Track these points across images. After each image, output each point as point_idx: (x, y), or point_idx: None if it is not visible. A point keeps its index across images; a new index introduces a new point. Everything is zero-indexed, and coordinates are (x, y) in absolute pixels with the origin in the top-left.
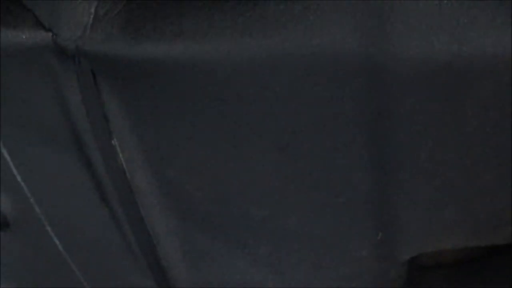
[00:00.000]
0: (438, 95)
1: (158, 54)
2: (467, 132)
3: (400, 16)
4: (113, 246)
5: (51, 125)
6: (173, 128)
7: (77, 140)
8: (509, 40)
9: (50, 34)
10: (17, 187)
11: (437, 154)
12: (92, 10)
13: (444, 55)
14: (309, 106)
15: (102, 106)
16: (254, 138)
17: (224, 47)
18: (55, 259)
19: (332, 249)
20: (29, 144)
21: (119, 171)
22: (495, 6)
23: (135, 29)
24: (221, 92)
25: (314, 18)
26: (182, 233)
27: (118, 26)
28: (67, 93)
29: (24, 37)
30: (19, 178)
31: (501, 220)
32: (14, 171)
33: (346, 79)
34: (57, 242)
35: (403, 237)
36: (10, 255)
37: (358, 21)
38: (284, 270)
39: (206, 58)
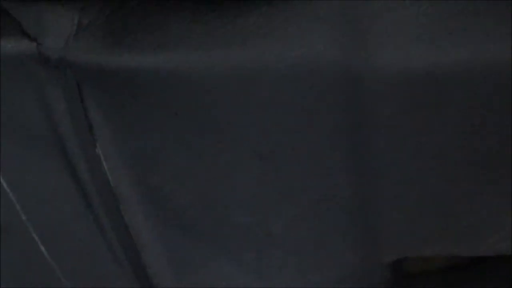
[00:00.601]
0: (416, 104)
1: (140, 64)
2: (446, 141)
3: (378, 27)
4: (99, 253)
5: (36, 133)
6: (156, 136)
7: (62, 148)
8: (485, 50)
9: (34, 43)
10: (3, 195)
11: (417, 162)
12: (76, 20)
13: (422, 65)
14: (290, 115)
15: (86, 115)
16: (236, 146)
17: (205, 58)
18: (41, 265)
19: (316, 253)
20: (16, 152)
21: (103, 179)
22: (471, 17)
23: (117, 40)
24: (202, 102)
25: (293, 30)
26: (166, 240)
27: (101, 37)
28: (52, 102)
29: (9, 46)
30: (5, 186)
31: (484, 231)
32: (1, 178)
33: (326, 89)
34: (43, 249)
35: (385, 241)
36: None
37: (336, 33)
38: (268, 275)
39: (186, 69)
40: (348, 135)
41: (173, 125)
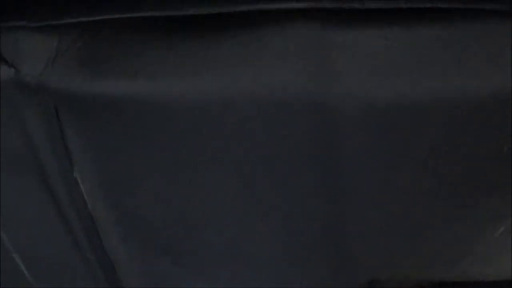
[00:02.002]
0: (385, 132)
1: (116, 91)
2: (415, 168)
3: (347, 58)
4: (78, 273)
5: (16, 157)
6: (132, 160)
7: (41, 171)
8: (453, 81)
9: (13, 69)
10: None
11: (387, 188)
12: (54, 47)
13: (390, 95)
14: (262, 142)
15: (64, 140)
16: (211, 170)
17: (178, 86)
18: (22, 284)
19: (290, 272)
20: None
21: (81, 202)
22: (439, 48)
23: (95, 67)
24: (176, 128)
25: (264, 60)
26: (143, 261)
27: (78, 64)
28: (30, 127)
29: None
30: None
31: (453, 256)
32: None
33: (295, 118)
34: (23, 268)
35: (358, 262)
36: None
37: (305, 63)
38: None
39: (161, 96)
40: (319, 161)
41: (148, 150)
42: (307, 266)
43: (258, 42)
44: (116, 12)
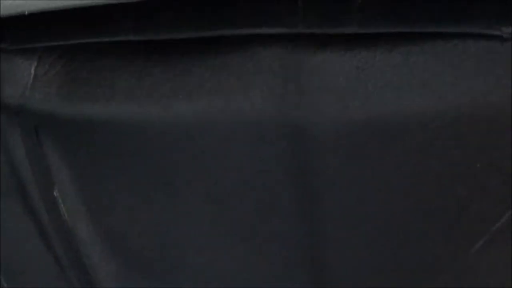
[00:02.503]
0: (357, 153)
1: (93, 114)
2: (390, 186)
3: (317, 80)
4: None
5: None
6: (110, 180)
7: (22, 190)
8: (420, 102)
9: None
10: None
11: (363, 206)
12: (32, 70)
13: (360, 117)
14: (235, 164)
15: (44, 160)
16: (188, 191)
17: (153, 110)
18: None
19: None
20: None
21: (62, 220)
22: (407, 70)
23: (71, 90)
24: (151, 150)
25: (235, 85)
26: (123, 279)
27: (56, 87)
28: (11, 147)
29: None
30: None
31: (428, 273)
32: None
33: (268, 140)
34: (3, 282)
35: (336, 280)
36: None
37: (277, 87)
38: None
39: (136, 119)
40: (293, 182)
41: (125, 171)
42: (285, 286)
43: (230, 66)
44: (92, 36)
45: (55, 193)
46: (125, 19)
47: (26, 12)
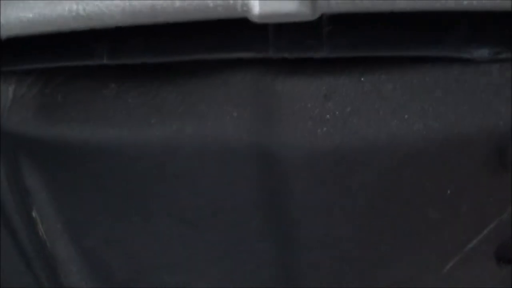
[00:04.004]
0: (326, 178)
1: (69, 136)
2: (358, 209)
3: (287, 108)
4: None
5: None
6: (86, 202)
7: (2, 211)
8: (388, 130)
9: None
10: None
11: (333, 229)
12: (11, 93)
13: (327, 144)
14: (208, 186)
15: (23, 181)
16: (162, 212)
17: (126, 133)
18: None
19: None
20: None
21: (40, 241)
22: (376, 99)
23: (48, 114)
24: (127, 172)
25: (207, 110)
26: None
27: (33, 109)
28: None
29: None
30: None
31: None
32: None
33: (238, 164)
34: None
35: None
36: None
37: (247, 113)
38: None
39: (110, 143)
40: (264, 205)
41: (101, 192)
42: None
43: (202, 92)
44: (68, 60)
45: (33, 214)
46: (99, 44)
47: (3, 37)
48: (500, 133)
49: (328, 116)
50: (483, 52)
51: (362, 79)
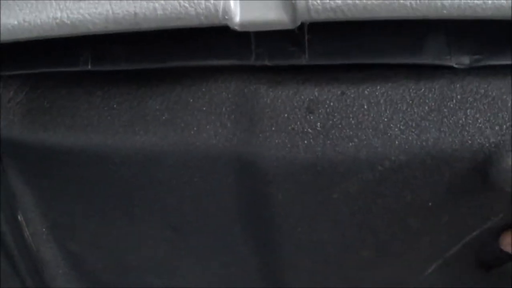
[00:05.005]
0: (307, 189)
1: (54, 142)
2: (340, 218)
3: (269, 118)
4: None
5: None
6: (71, 206)
7: None
8: (369, 145)
9: None
10: None
11: (315, 235)
12: None
13: (309, 156)
14: (190, 193)
15: (9, 185)
16: (147, 217)
17: (110, 140)
18: None
19: None
20: None
21: (26, 244)
22: (358, 113)
23: (34, 119)
24: (112, 177)
25: (190, 118)
26: None
27: (19, 115)
28: None
29: None
30: None
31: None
32: None
33: (220, 172)
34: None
35: None
36: None
37: (230, 122)
38: None
39: (95, 148)
40: (246, 211)
41: (85, 197)
42: None
43: (185, 101)
44: (52, 66)
45: (19, 217)
46: (83, 51)
47: None
48: (483, 153)
49: (309, 129)
50: (464, 59)
51: (345, 93)
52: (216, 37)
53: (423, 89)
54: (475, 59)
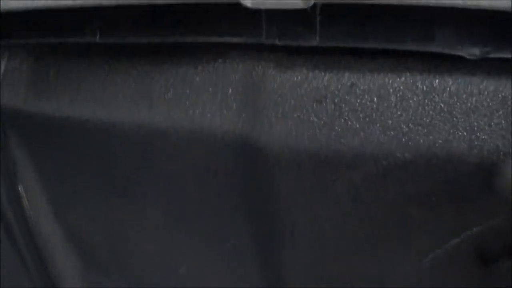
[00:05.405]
0: (309, 176)
1: (57, 113)
2: (341, 206)
3: (276, 106)
4: (20, 282)
5: None
6: (72, 178)
7: None
8: (374, 140)
9: None
10: None
11: (315, 221)
12: (3, 66)
13: (313, 146)
14: (192, 172)
15: (10, 155)
16: (145, 194)
17: (114, 114)
18: None
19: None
20: None
21: (25, 216)
22: (365, 107)
23: (38, 89)
24: (113, 154)
25: (195, 98)
26: (82, 272)
27: (23, 85)
28: None
29: None
30: None
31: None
32: None
33: (222, 154)
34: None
35: (287, 280)
36: None
37: (235, 105)
38: None
39: (97, 122)
40: (245, 193)
41: (86, 170)
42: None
43: (192, 79)
44: (60, 36)
45: (19, 189)
46: (92, 23)
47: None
48: (491, 161)
49: (316, 118)
50: (474, 51)
51: (355, 84)
52: (227, 14)
53: (436, 89)
54: (485, 51)
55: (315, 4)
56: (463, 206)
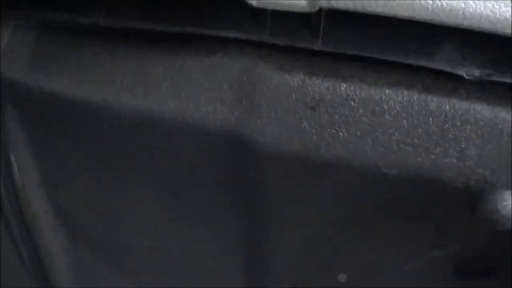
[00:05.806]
0: (297, 177)
1: (54, 90)
2: (328, 207)
3: (270, 107)
4: (10, 261)
5: None
6: (65, 158)
7: None
8: (362, 154)
9: None
10: None
11: (300, 214)
12: (5, 40)
13: (302, 151)
14: (184, 160)
15: (4, 126)
16: (139, 180)
17: (110, 98)
18: None
19: (212, 277)
20: None
21: (17, 198)
22: (359, 119)
23: (37, 65)
24: (108, 137)
25: (191, 90)
26: (72, 254)
27: (24, 59)
28: None
29: None
30: None
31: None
32: None
33: (214, 147)
34: None
35: (275, 271)
36: None
37: (230, 101)
38: None
39: (94, 104)
40: (234, 185)
41: (80, 153)
42: (227, 272)
43: (189, 71)
44: (65, 14)
45: (12, 160)
46: (97, 5)
47: None
48: (477, 189)
49: (307, 125)
50: (474, 71)
51: (351, 96)
52: (232, 9)
53: (432, 112)
54: (486, 73)
55: (320, 9)
56: (442, 225)
